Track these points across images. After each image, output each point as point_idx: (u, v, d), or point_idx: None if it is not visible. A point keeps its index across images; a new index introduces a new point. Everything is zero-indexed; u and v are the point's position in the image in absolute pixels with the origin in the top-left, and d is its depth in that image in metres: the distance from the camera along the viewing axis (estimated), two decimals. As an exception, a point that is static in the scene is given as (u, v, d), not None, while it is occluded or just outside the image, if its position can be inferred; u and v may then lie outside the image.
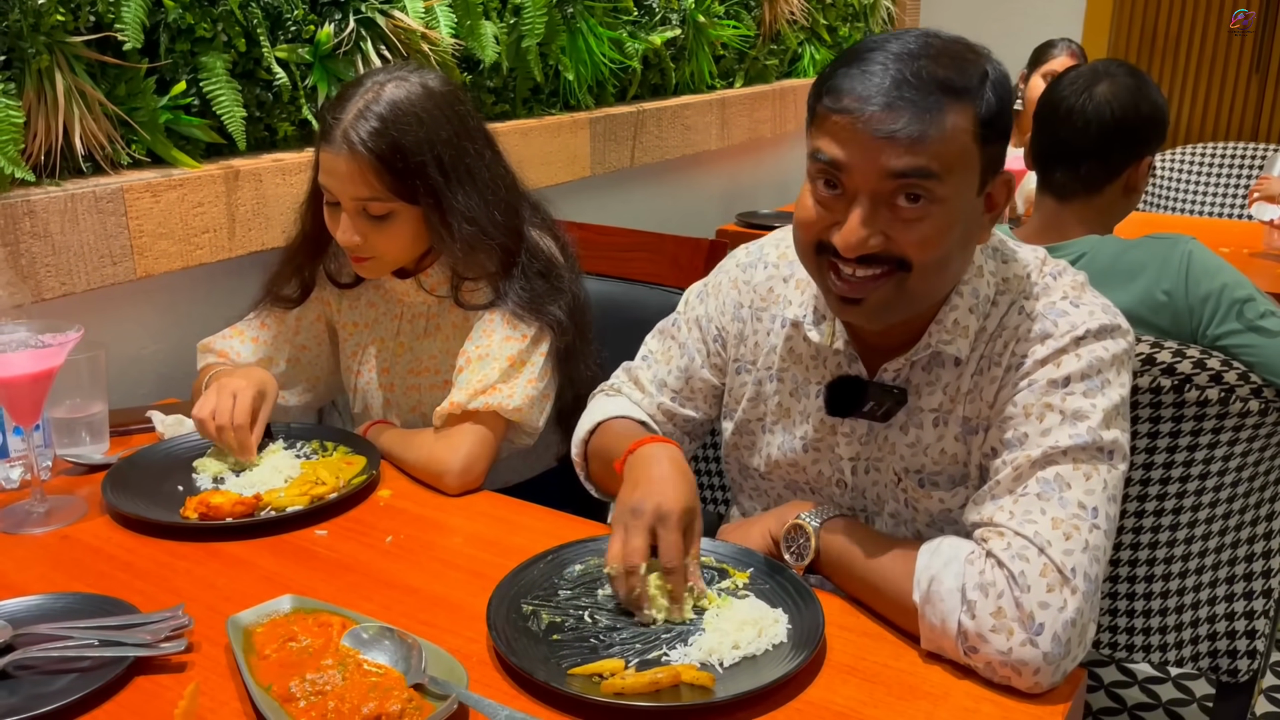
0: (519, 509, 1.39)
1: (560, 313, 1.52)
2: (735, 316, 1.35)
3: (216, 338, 1.64)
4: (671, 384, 1.41)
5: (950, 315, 1.16)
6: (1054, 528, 1.04)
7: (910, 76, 1.04)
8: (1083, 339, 1.11)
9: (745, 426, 1.36)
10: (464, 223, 1.45)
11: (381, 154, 1.40)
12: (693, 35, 2.88)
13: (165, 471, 1.43)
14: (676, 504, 1.14)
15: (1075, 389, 1.09)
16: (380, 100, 1.42)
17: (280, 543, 1.28)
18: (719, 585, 1.17)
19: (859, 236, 1.06)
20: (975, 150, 1.06)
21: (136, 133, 1.65)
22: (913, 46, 1.06)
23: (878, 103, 1.03)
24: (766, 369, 1.32)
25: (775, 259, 1.34)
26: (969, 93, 1.05)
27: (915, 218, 1.06)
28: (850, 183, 1.06)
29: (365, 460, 1.46)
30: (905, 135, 1.02)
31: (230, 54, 1.74)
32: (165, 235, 1.67)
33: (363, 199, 1.43)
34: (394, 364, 1.62)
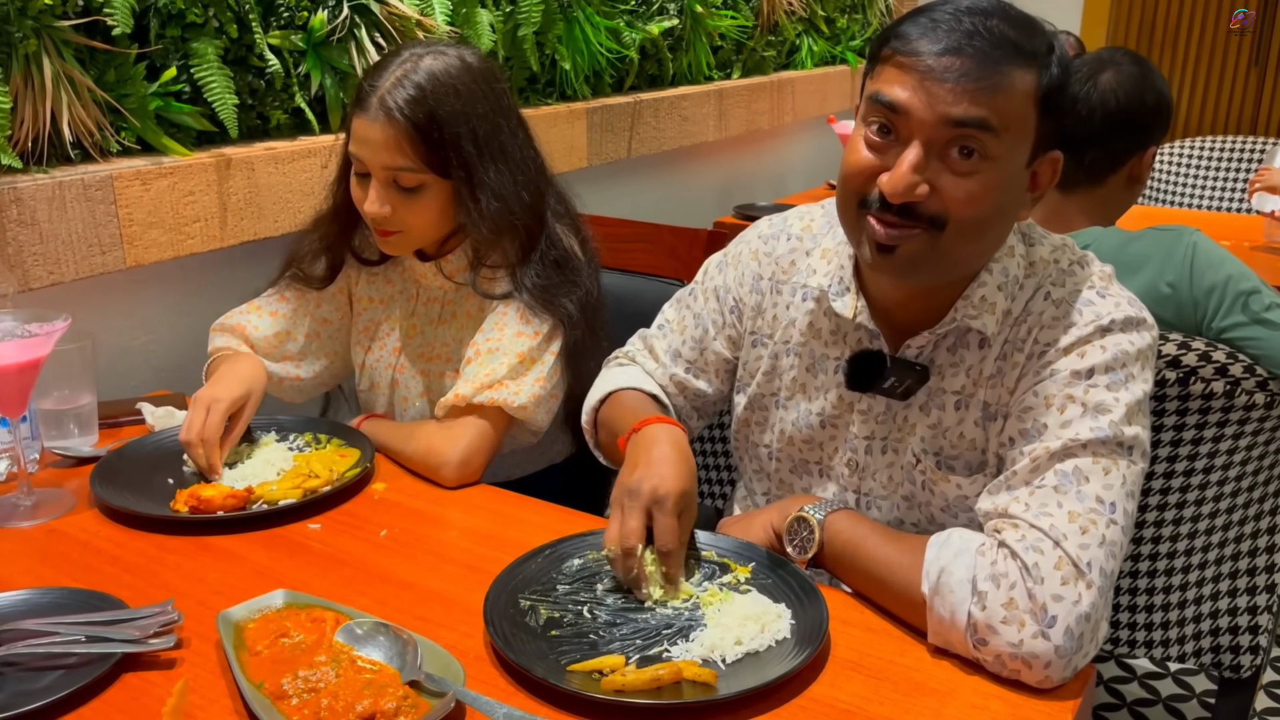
0: (517, 503, 1.36)
1: (572, 306, 1.50)
2: (754, 288, 1.33)
3: (234, 313, 1.61)
4: (686, 354, 1.39)
5: (979, 291, 1.14)
6: (1070, 521, 1.02)
7: (982, 29, 1.03)
8: (1108, 329, 1.09)
9: (759, 401, 1.34)
10: (492, 199, 1.44)
11: (418, 123, 1.39)
12: (690, 26, 2.85)
13: (155, 464, 1.41)
14: (674, 487, 1.12)
15: (1099, 381, 1.07)
16: (418, 70, 1.41)
17: (272, 537, 1.26)
18: (720, 580, 1.15)
19: (908, 182, 1.04)
20: (1033, 116, 1.06)
21: (126, 120, 1.62)
22: (985, 5, 1.06)
23: (945, 47, 1.03)
24: (784, 343, 1.30)
25: (799, 231, 1.32)
26: (1035, 58, 1.05)
27: (965, 171, 1.05)
28: (906, 127, 1.05)
29: (359, 453, 1.43)
30: (969, 82, 1.02)
31: (222, 40, 1.71)
32: (156, 224, 1.64)
33: (395, 169, 1.41)
34: (406, 344, 1.60)
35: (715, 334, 1.37)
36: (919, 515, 1.23)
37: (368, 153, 1.41)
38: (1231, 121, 4.11)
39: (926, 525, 1.23)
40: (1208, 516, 1.76)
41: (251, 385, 1.48)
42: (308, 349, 1.62)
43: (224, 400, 1.42)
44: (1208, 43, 4.07)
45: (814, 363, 1.27)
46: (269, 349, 1.59)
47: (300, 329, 1.62)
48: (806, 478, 1.32)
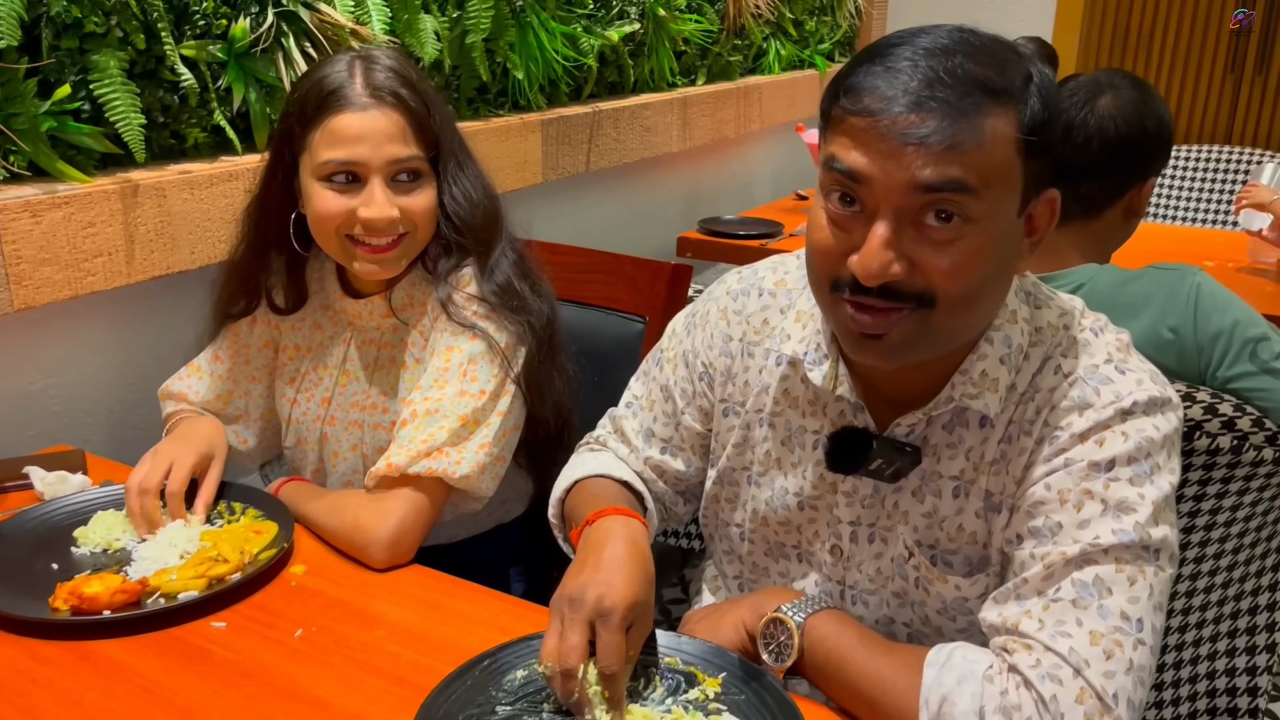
0: (452, 590, 1.20)
1: (541, 304, 1.38)
2: (723, 351, 1.17)
3: (174, 379, 1.49)
4: (660, 433, 1.23)
5: (978, 365, 0.99)
6: (1093, 643, 0.87)
7: (944, 74, 0.87)
8: (1130, 413, 0.94)
9: (729, 475, 1.18)
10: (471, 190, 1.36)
11: (413, 107, 1.30)
12: (653, 30, 2.69)
13: (40, 544, 1.23)
14: (622, 599, 0.96)
15: (1121, 474, 0.92)
16: (379, 60, 1.31)
17: (168, 639, 1.08)
18: (685, 696, 0.99)
19: (880, 261, 0.89)
20: (1017, 163, 0.90)
21: (14, 143, 1.43)
22: (945, 42, 0.90)
23: (905, 103, 0.87)
24: (756, 411, 1.14)
25: (771, 286, 1.16)
26: (1011, 96, 0.89)
27: (945, 240, 0.89)
28: (870, 197, 0.90)
29: (276, 528, 1.26)
30: (937, 141, 0.86)
31: (127, 52, 1.53)
32: (49, 261, 1.46)
33: (400, 160, 1.29)
34: (336, 395, 1.44)
35: (685, 406, 1.21)
36: (911, 615, 1.08)
37: (367, 149, 1.26)
38: (1206, 129, 4.03)
39: (920, 627, 1.08)
40: (1207, 575, 1.64)
41: (214, 446, 1.36)
42: (247, 410, 1.48)
43: (189, 457, 1.31)
44: (1182, 49, 3.98)
45: (790, 435, 1.12)
46: (216, 413, 1.47)
47: (240, 389, 1.48)
48: (783, 561, 1.17)
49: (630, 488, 1.21)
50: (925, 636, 1.07)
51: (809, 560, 1.14)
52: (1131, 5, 4.02)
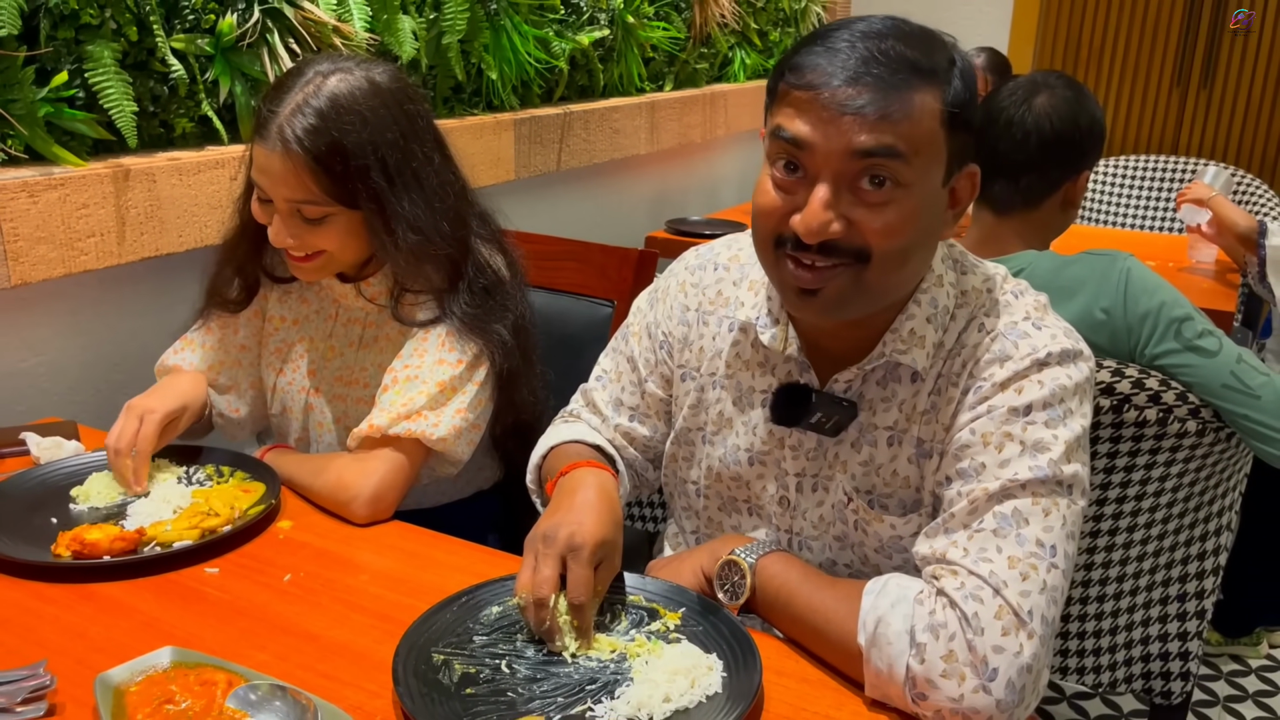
0: (432, 542, 1.28)
1: (505, 332, 1.42)
2: (681, 320, 1.27)
3: (169, 354, 1.54)
4: (628, 401, 1.32)
5: (907, 324, 1.10)
6: (1010, 567, 0.97)
7: (878, 54, 0.98)
8: (1045, 363, 1.05)
9: (684, 436, 1.28)
10: (409, 231, 1.35)
11: (319, 154, 1.29)
12: (621, 37, 2.79)
13: (38, 502, 1.30)
14: (591, 536, 1.05)
15: (1036, 418, 1.03)
16: (321, 94, 1.30)
17: (165, 583, 1.16)
18: (648, 628, 1.08)
19: (821, 220, 0.99)
20: (942, 136, 1.01)
21: (13, 127, 1.51)
22: (879, 27, 1.01)
23: (843, 78, 0.98)
24: (710, 375, 1.24)
25: (726, 260, 1.27)
26: (936, 75, 1.00)
27: (879, 202, 1.00)
28: (812, 163, 1.00)
29: (264, 488, 1.34)
30: (872, 111, 0.97)
31: (120, 43, 1.60)
32: (44, 239, 1.53)
33: (296, 201, 1.32)
34: (321, 367, 1.51)
35: (648, 374, 1.31)
36: (851, 556, 1.18)
37: (268, 183, 1.32)
38: (1154, 141, 4.18)
39: (860, 566, 1.18)
40: (1139, 543, 1.75)
41: (188, 400, 1.41)
42: (235, 379, 1.54)
43: (158, 411, 1.35)
44: (1131, 63, 4.14)
45: (741, 396, 1.22)
46: (209, 384, 1.53)
47: (229, 358, 1.54)
48: (736, 516, 1.26)
49: (602, 452, 1.30)
50: (864, 574, 1.17)
51: (759, 513, 1.23)
52: (1083, 21, 4.18)
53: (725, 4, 3.17)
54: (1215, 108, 4.05)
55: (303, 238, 1.34)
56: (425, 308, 1.42)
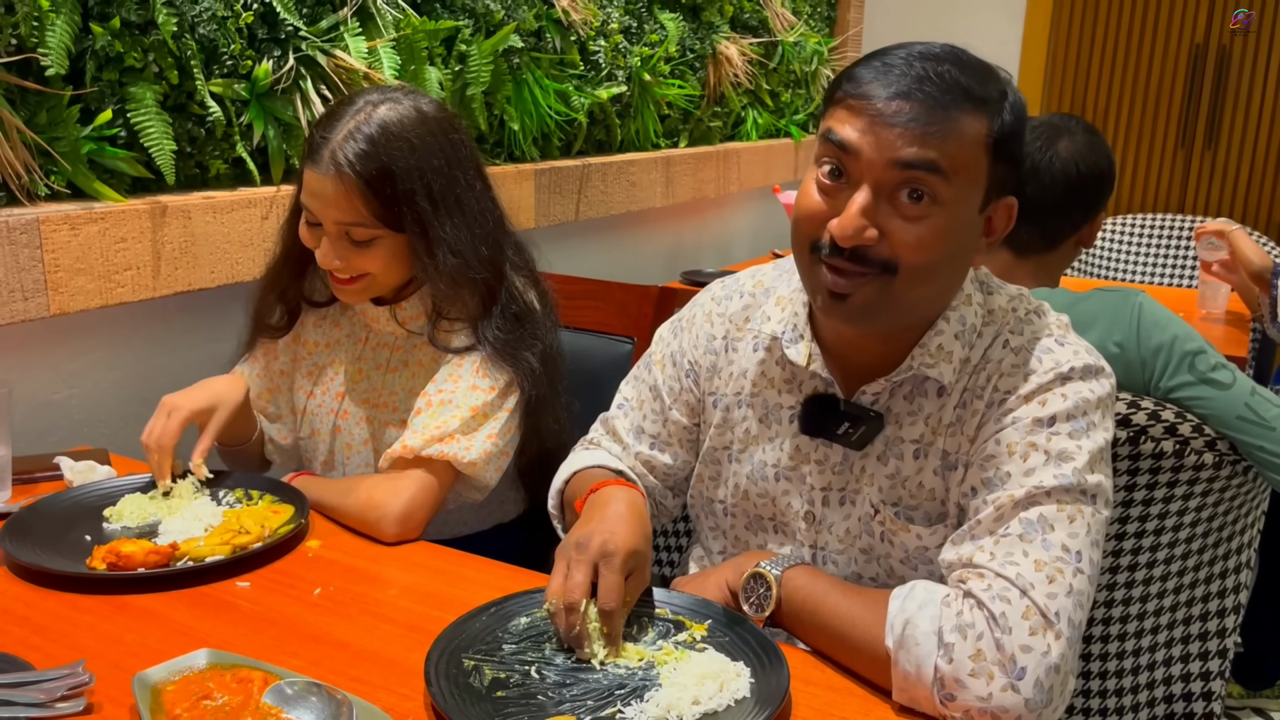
0: (459, 560, 1.30)
1: (533, 359, 1.46)
2: (708, 349, 1.30)
3: None
4: (649, 429, 1.35)
5: (935, 340, 1.13)
6: (1037, 570, 0.99)
7: (932, 75, 1.03)
8: (1068, 377, 1.08)
9: (711, 455, 1.30)
10: (449, 254, 1.39)
11: (369, 178, 1.34)
12: (638, 94, 2.87)
13: (72, 520, 1.32)
14: (624, 544, 1.07)
15: (1060, 429, 1.05)
16: (371, 121, 1.36)
17: (197, 595, 1.17)
18: (675, 638, 1.09)
19: (856, 225, 1.03)
20: (985, 162, 1.05)
21: (57, 163, 1.56)
22: (937, 51, 1.06)
23: (895, 91, 1.02)
24: (736, 394, 1.27)
25: (751, 288, 1.30)
26: (986, 104, 1.05)
27: (915, 216, 1.03)
28: (856, 169, 1.04)
29: (293, 509, 1.36)
30: (917, 126, 1.01)
31: (161, 86, 1.67)
32: (83, 271, 1.58)
33: (346, 223, 1.37)
34: (350, 389, 1.54)
35: (672, 402, 1.33)
36: (877, 569, 1.19)
37: (318, 206, 1.37)
38: (1160, 201, 4.24)
39: (885, 579, 1.19)
40: (1159, 579, 1.75)
41: (220, 398, 1.44)
42: (279, 405, 1.58)
43: (184, 408, 1.39)
44: (1136, 125, 4.22)
45: (767, 412, 1.24)
46: (260, 412, 1.58)
47: (274, 386, 1.59)
48: (762, 534, 1.28)
49: (625, 476, 1.32)
50: (889, 587, 1.18)
51: (784, 530, 1.25)
52: (1087, 85, 4.27)
53: (739, 64, 3.25)
54: (1220, 169, 4.12)
55: (349, 260, 1.39)
56: (460, 334, 1.45)
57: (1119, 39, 4.19)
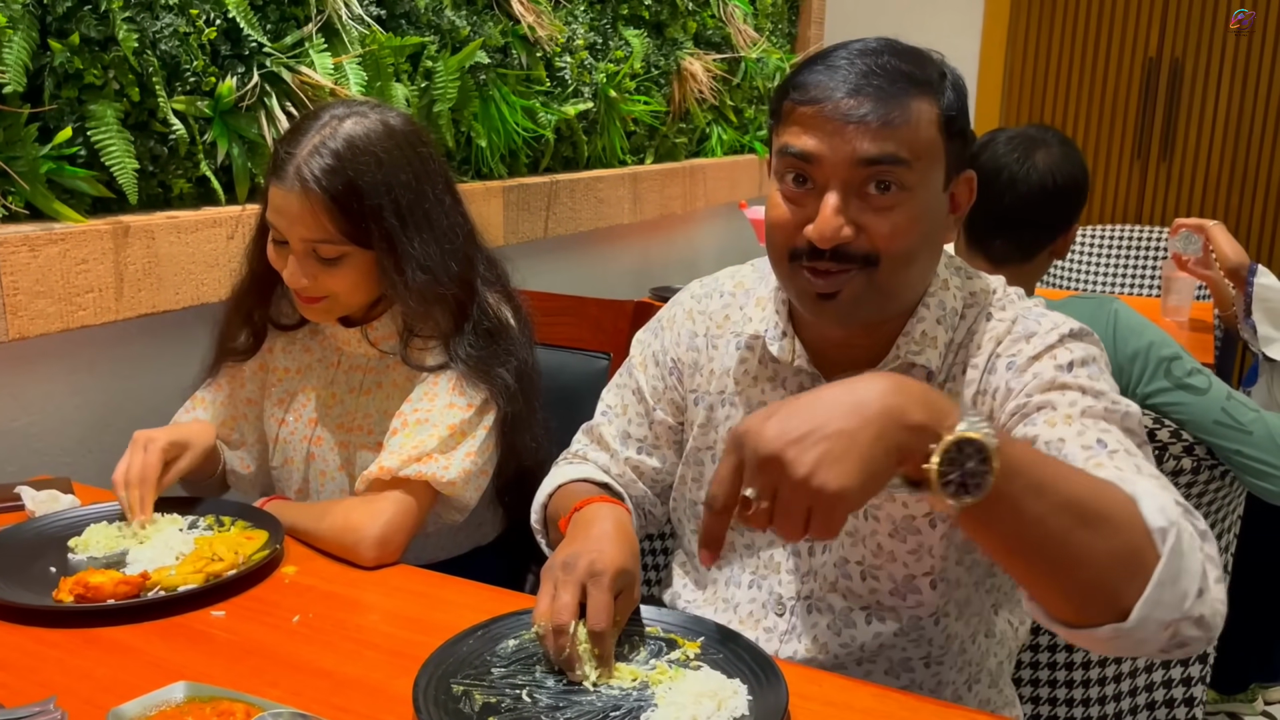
0: (441, 583, 1.26)
1: (508, 376, 1.43)
2: (690, 346, 1.30)
3: (181, 414, 1.55)
4: (635, 434, 1.33)
5: (918, 327, 1.14)
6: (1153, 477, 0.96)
7: (876, 68, 1.05)
8: (1066, 336, 1.11)
9: (694, 456, 1.29)
10: (418, 270, 1.36)
11: (335, 194, 1.31)
12: (604, 110, 2.86)
13: (36, 551, 1.27)
14: (612, 563, 1.05)
15: (1079, 373, 1.07)
16: (337, 136, 1.33)
17: (171, 626, 1.13)
18: (668, 656, 1.07)
19: (833, 226, 1.05)
20: (940, 142, 1.08)
21: (14, 183, 1.51)
22: (874, 45, 1.09)
23: (845, 90, 1.04)
24: (719, 393, 1.27)
25: (731, 288, 1.31)
26: (931, 85, 1.07)
27: (886, 206, 1.06)
28: (820, 174, 1.06)
29: (267, 534, 1.32)
30: (874, 119, 1.03)
31: (122, 103, 1.63)
32: (43, 294, 1.53)
33: (313, 240, 1.34)
34: (323, 414, 1.50)
35: (655, 403, 1.32)
36: (864, 550, 1.18)
37: (284, 223, 1.34)
38: (1118, 212, 4.30)
39: (872, 560, 1.18)
40: (1140, 585, 1.75)
41: (193, 437, 1.41)
42: (243, 434, 1.54)
43: (160, 440, 1.35)
44: (1093, 137, 4.28)
45: (751, 410, 1.23)
46: (222, 439, 1.54)
47: (238, 413, 1.55)
48: (748, 533, 1.26)
49: (610, 490, 1.30)
50: (878, 568, 1.17)
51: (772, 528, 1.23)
52: (1044, 99, 4.33)
53: (704, 80, 3.26)
54: (1175, 179, 4.19)
55: (317, 278, 1.36)
56: (433, 353, 1.42)
57: (1074, 53, 4.25)
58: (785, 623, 1.23)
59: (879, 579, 1.18)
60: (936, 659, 1.20)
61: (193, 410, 1.54)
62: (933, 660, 1.20)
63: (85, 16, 1.55)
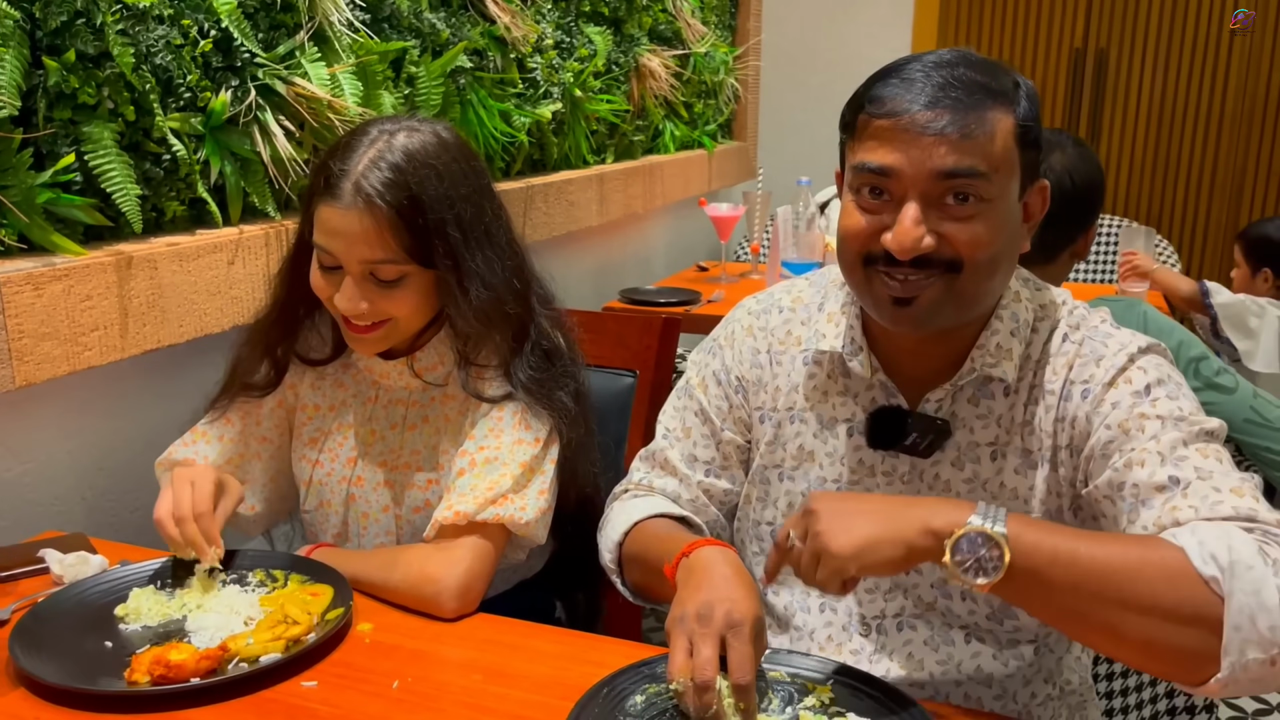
0: (527, 631, 1.21)
1: (569, 400, 1.36)
2: (754, 363, 1.27)
3: (176, 448, 1.41)
4: (703, 456, 1.29)
5: (992, 339, 1.13)
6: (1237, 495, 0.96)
7: (952, 80, 1.04)
8: (1136, 355, 1.10)
9: (760, 474, 1.26)
10: (481, 289, 1.29)
11: (400, 209, 1.24)
12: (570, 110, 2.79)
13: (84, 625, 1.16)
14: (749, 611, 1.01)
15: (1158, 394, 1.07)
16: (394, 149, 1.26)
17: (262, 703, 1.05)
18: (804, 704, 1.03)
19: (914, 236, 1.03)
20: (1016, 152, 1.07)
21: (9, 214, 1.38)
22: (948, 57, 1.08)
23: (922, 103, 1.03)
24: (787, 410, 1.24)
25: (789, 304, 1.29)
26: (1007, 96, 1.07)
27: (966, 216, 1.05)
28: (899, 187, 1.05)
29: (331, 589, 1.23)
30: (954, 131, 1.02)
31: (118, 123, 1.50)
32: (49, 336, 1.40)
33: (373, 261, 1.25)
34: (363, 454, 1.41)
35: (723, 422, 1.28)
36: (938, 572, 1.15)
37: (342, 245, 1.25)
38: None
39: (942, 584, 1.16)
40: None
41: (229, 481, 1.29)
42: (257, 475, 1.42)
43: (208, 474, 1.24)
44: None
45: (822, 427, 1.22)
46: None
47: (250, 451, 1.42)
48: None
49: (688, 522, 1.26)
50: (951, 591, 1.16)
51: None
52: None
53: (663, 77, 3.21)
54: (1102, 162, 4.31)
55: (376, 303, 1.27)
56: (493, 381, 1.35)
57: (1004, 44, 4.34)
58: (873, 643, 1.20)
59: (978, 601, 1.16)
60: (1043, 679, 1.20)
61: (193, 444, 1.43)
62: (1035, 682, 1.20)
63: (80, 31, 1.42)
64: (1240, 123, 4.09)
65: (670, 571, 1.12)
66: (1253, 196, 4.15)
